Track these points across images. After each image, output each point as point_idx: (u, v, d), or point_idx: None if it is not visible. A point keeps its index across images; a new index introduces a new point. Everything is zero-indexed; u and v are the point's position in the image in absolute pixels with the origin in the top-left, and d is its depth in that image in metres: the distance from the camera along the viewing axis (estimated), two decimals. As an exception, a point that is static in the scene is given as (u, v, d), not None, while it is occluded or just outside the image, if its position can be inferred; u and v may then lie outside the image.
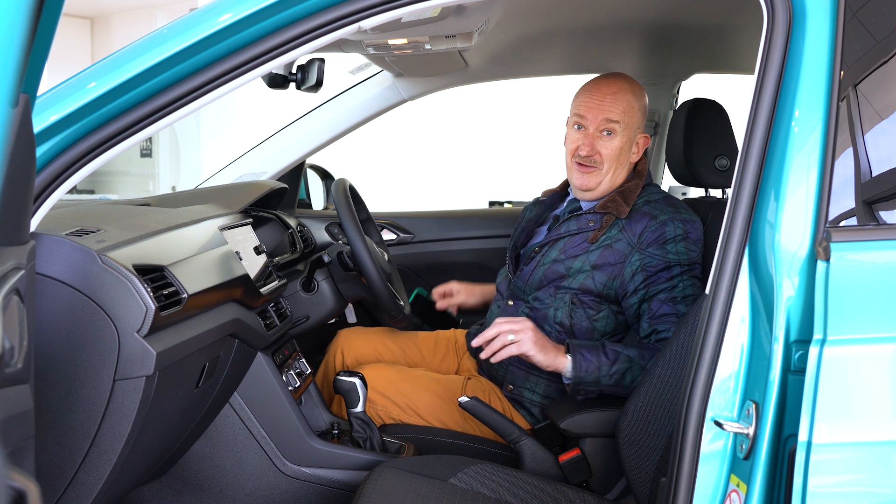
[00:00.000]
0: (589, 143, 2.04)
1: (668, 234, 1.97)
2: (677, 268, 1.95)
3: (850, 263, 1.18)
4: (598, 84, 2.08)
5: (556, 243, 2.08)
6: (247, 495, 1.95)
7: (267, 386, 1.94)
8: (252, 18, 1.29)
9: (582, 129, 2.07)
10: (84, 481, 1.46)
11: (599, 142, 2.04)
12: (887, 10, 1.27)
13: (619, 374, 1.87)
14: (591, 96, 2.06)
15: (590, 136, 2.05)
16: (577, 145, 2.06)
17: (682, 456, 1.26)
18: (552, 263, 2.05)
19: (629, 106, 2.04)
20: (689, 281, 1.95)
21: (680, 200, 2.10)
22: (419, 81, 2.80)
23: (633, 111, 2.06)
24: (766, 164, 1.27)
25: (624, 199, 2.04)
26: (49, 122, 1.26)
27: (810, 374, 1.15)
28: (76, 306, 1.37)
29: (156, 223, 1.69)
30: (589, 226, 2.06)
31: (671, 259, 1.96)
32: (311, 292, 2.31)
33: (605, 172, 2.06)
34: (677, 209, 2.03)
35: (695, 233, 1.99)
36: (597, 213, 2.07)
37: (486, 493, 1.64)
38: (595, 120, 2.04)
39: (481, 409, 1.96)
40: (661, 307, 1.94)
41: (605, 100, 2.04)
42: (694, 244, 1.98)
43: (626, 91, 2.06)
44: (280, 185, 2.52)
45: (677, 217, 1.99)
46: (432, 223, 3.09)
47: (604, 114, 2.03)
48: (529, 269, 2.11)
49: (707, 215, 2.08)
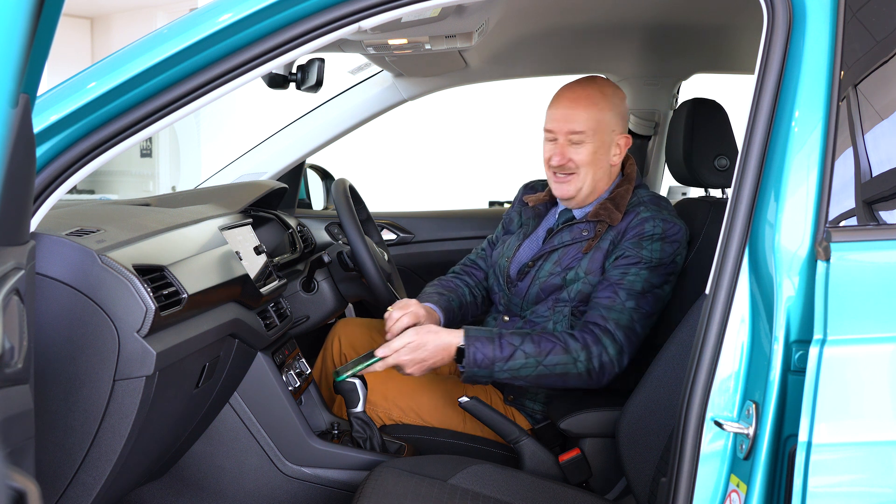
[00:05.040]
0: (559, 152, 2.02)
1: (647, 231, 1.96)
2: (643, 264, 1.94)
3: (850, 263, 1.18)
4: (561, 94, 2.05)
5: (551, 255, 2.06)
6: (247, 495, 1.95)
7: (267, 386, 1.94)
8: (252, 18, 1.29)
9: (553, 140, 2.05)
10: (84, 481, 1.46)
11: (569, 150, 2.02)
12: (887, 10, 1.27)
13: (514, 370, 1.87)
14: (556, 108, 2.04)
15: (559, 145, 2.03)
16: (550, 155, 2.05)
17: (682, 456, 1.26)
18: (548, 276, 2.03)
19: (596, 111, 2.00)
20: (645, 274, 1.93)
21: (668, 202, 2.08)
22: (419, 81, 2.80)
23: (602, 116, 2.01)
24: (766, 164, 1.27)
25: (615, 206, 2.02)
26: (49, 122, 1.26)
27: (810, 375, 1.15)
28: (76, 306, 1.37)
29: (156, 223, 1.69)
30: (583, 235, 2.04)
31: (643, 255, 1.94)
32: (311, 292, 2.31)
33: (584, 178, 2.03)
34: (661, 209, 2.01)
35: (673, 234, 1.97)
36: (589, 222, 2.04)
37: (486, 493, 1.64)
38: (561, 132, 2.02)
39: (481, 409, 1.95)
40: (603, 292, 1.94)
41: (569, 111, 2.01)
42: (669, 245, 1.96)
43: (592, 96, 2.02)
44: (280, 185, 2.52)
45: (658, 216, 1.97)
46: (432, 223, 3.09)
47: (568, 125, 2.00)
48: (525, 285, 2.08)
49: (707, 215, 2.07)
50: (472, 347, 1.86)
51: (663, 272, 1.96)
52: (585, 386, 1.91)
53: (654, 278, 1.94)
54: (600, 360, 1.88)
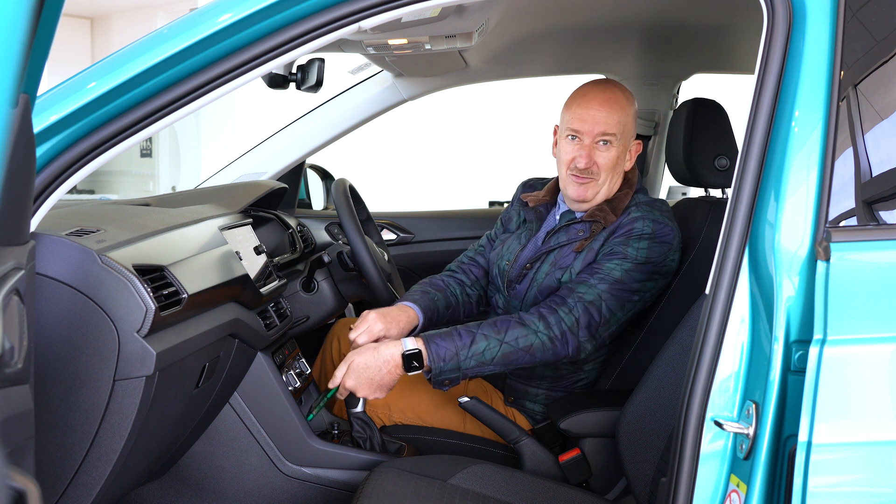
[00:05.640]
0: (586, 154, 1.98)
1: (636, 230, 1.94)
2: (628, 260, 1.92)
3: (850, 263, 1.18)
4: (590, 95, 2.00)
5: (548, 257, 2.04)
6: (247, 495, 1.95)
7: (267, 386, 1.94)
8: (252, 18, 1.29)
9: (577, 140, 2.00)
10: (84, 481, 1.46)
11: (596, 152, 1.98)
12: (887, 10, 1.27)
13: (479, 354, 1.82)
14: (586, 109, 1.98)
15: (586, 147, 1.98)
16: (574, 157, 1.99)
17: (682, 456, 1.26)
18: (545, 278, 2.02)
19: (623, 115, 1.98)
20: (628, 267, 1.90)
21: (665, 206, 2.05)
22: (419, 81, 2.80)
23: (628, 120, 2.00)
24: (766, 164, 1.27)
25: (612, 209, 2.01)
26: (49, 122, 1.26)
27: (810, 375, 1.15)
28: (76, 306, 1.37)
29: (156, 223, 1.69)
30: (578, 235, 2.02)
31: (628, 253, 1.92)
32: (311, 292, 2.31)
33: (602, 182, 2.01)
34: (653, 210, 1.99)
35: (663, 235, 1.94)
36: (585, 223, 2.03)
37: (486, 493, 1.64)
38: (591, 133, 1.97)
39: (481, 409, 1.95)
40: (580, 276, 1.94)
41: (601, 111, 1.97)
42: (658, 245, 1.94)
43: (620, 100, 1.99)
44: (280, 185, 2.52)
45: (649, 217, 1.96)
46: (432, 223, 3.09)
47: (599, 127, 1.96)
48: (523, 287, 2.07)
49: (707, 215, 2.07)
50: (433, 345, 1.82)
51: (647, 270, 1.93)
52: (555, 358, 1.87)
53: (635, 273, 1.92)
54: (560, 327, 1.85)
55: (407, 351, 1.81)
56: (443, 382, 1.85)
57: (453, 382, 1.86)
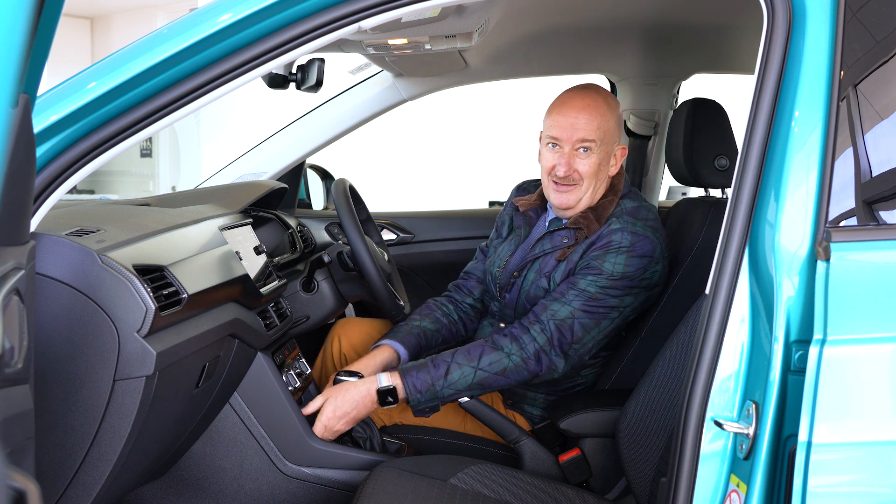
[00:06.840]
0: (566, 162, 1.96)
1: (614, 243, 1.91)
2: (604, 276, 1.90)
3: (850, 263, 1.18)
4: (568, 102, 1.98)
5: (533, 264, 2.03)
6: (247, 495, 1.94)
7: (267, 386, 1.94)
8: (252, 18, 1.29)
9: (557, 148, 1.98)
10: (84, 481, 1.46)
11: (576, 160, 1.96)
12: (887, 10, 1.27)
13: (454, 383, 1.88)
14: (564, 115, 1.96)
15: (566, 154, 1.96)
16: (554, 164, 1.98)
17: (682, 456, 1.26)
18: (531, 286, 2.01)
19: (603, 121, 1.96)
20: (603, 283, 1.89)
21: (650, 214, 2.01)
22: (419, 81, 2.80)
23: (609, 125, 1.97)
24: (766, 164, 1.27)
25: (596, 217, 1.98)
26: (49, 122, 1.26)
27: (810, 375, 1.15)
28: (76, 306, 1.37)
29: (156, 223, 1.69)
30: (563, 242, 2.00)
31: (604, 268, 1.90)
32: (311, 292, 2.31)
33: (585, 189, 1.98)
34: (635, 222, 1.95)
35: (641, 248, 1.91)
36: (570, 230, 2.01)
37: (486, 493, 1.64)
38: (570, 140, 1.95)
39: (481, 409, 1.96)
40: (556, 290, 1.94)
41: (579, 118, 1.95)
42: (637, 259, 1.91)
43: (600, 105, 1.97)
44: (280, 185, 2.52)
45: (628, 229, 1.92)
46: (432, 223, 3.09)
47: (578, 134, 1.94)
48: (513, 296, 2.06)
49: (707, 215, 2.07)
50: (409, 378, 1.88)
51: (624, 286, 1.91)
52: (530, 377, 1.90)
53: (611, 289, 1.90)
54: (533, 346, 1.88)
55: (381, 387, 1.89)
56: (423, 410, 1.91)
57: (434, 409, 1.92)
